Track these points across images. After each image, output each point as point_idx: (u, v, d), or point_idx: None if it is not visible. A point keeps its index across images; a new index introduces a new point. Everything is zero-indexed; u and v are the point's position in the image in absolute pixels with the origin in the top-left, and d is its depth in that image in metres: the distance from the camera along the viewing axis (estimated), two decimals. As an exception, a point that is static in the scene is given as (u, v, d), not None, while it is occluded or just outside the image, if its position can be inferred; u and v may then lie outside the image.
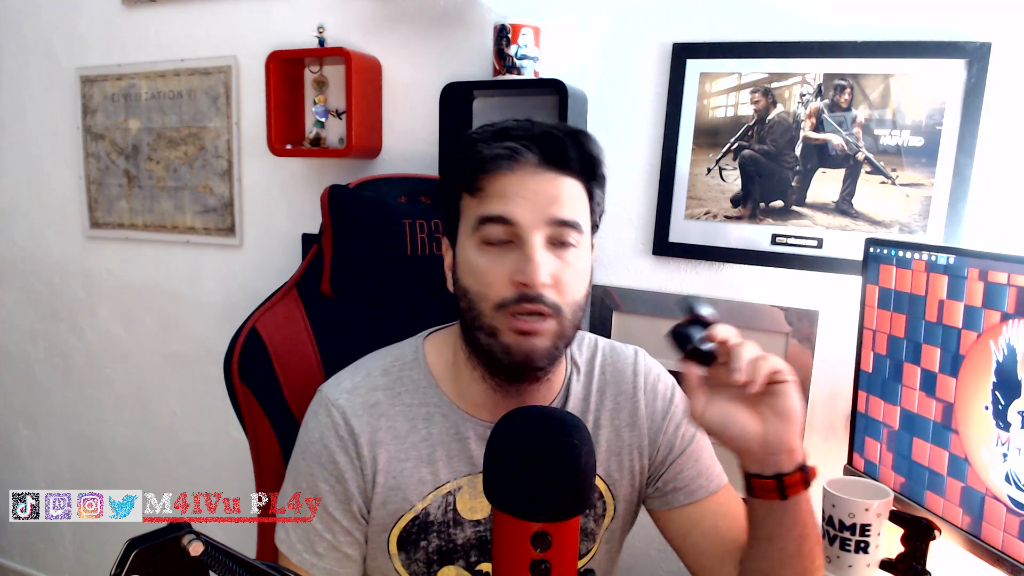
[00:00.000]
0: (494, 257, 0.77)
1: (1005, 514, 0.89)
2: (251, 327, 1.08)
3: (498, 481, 0.58)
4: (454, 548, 0.86)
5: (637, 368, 0.94)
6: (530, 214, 0.75)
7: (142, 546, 0.45)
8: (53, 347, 2.16)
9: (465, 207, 0.80)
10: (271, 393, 1.08)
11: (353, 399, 0.85)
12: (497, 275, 0.76)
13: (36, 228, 2.11)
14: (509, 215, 0.75)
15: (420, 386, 0.87)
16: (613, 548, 0.95)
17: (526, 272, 0.74)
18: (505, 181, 0.76)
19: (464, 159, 0.79)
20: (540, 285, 0.75)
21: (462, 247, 0.81)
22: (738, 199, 1.34)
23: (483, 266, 0.77)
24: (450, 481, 0.85)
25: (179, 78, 1.82)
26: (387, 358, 0.90)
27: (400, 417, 0.85)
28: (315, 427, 0.85)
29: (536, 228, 0.75)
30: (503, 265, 0.76)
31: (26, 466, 2.30)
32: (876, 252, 1.09)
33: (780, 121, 1.30)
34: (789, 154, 1.30)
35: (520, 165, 0.76)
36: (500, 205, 0.76)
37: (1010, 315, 0.88)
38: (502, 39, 1.38)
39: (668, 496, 0.91)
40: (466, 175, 0.78)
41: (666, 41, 1.37)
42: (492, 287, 0.77)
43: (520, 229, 0.75)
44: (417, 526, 0.85)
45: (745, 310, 1.35)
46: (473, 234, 0.78)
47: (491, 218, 0.76)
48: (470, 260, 0.79)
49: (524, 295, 0.75)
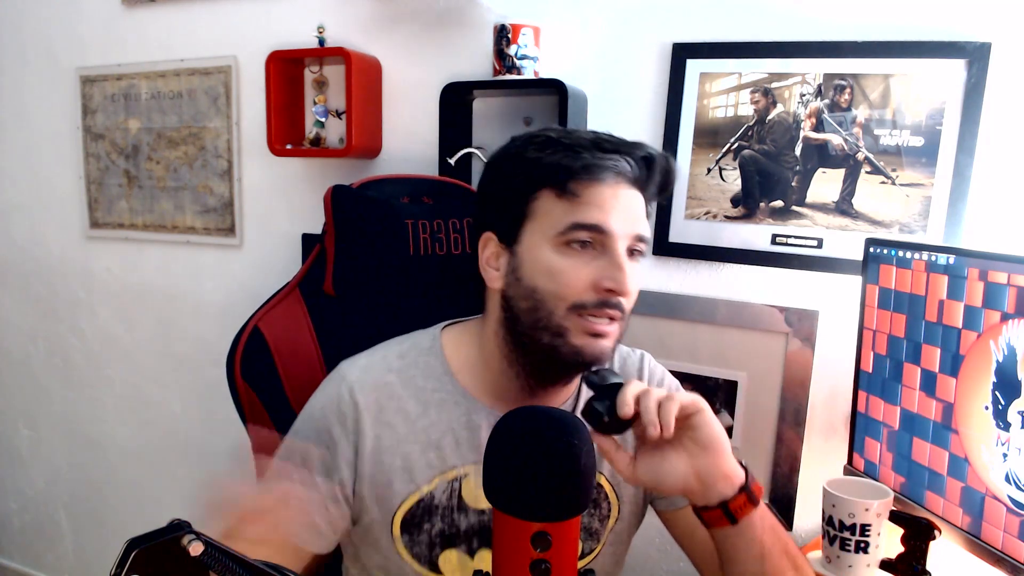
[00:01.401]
0: (577, 260, 0.79)
1: (1005, 514, 0.89)
2: (254, 326, 1.08)
3: (498, 481, 0.58)
4: (457, 533, 0.87)
5: (643, 372, 0.96)
6: (622, 225, 0.78)
7: (142, 546, 0.45)
8: (53, 347, 2.17)
9: (547, 208, 0.80)
10: (274, 392, 1.08)
11: (365, 377, 0.87)
12: (579, 278, 0.78)
13: (36, 228, 2.11)
14: (604, 224, 0.78)
15: (435, 373, 0.89)
16: (619, 550, 0.96)
17: (617, 279, 0.77)
18: (603, 191, 0.78)
19: (555, 162, 0.79)
20: (628, 293, 0.79)
21: (533, 246, 0.81)
22: (738, 199, 1.34)
23: (564, 268, 0.79)
24: (457, 467, 0.86)
25: (179, 78, 1.82)
26: (404, 344, 0.92)
27: (412, 400, 0.87)
28: (322, 397, 0.89)
29: (624, 240, 0.79)
30: (587, 269, 0.78)
31: (26, 466, 2.31)
32: (876, 252, 1.09)
33: (780, 121, 1.30)
34: (789, 154, 1.30)
35: (619, 179, 0.79)
36: (598, 214, 0.78)
37: (1010, 315, 0.88)
38: (502, 39, 1.38)
39: (674, 496, 0.92)
40: (558, 177, 0.79)
41: (666, 41, 1.37)
42: (571, 288, 0.78)
43: (610, 239, 0.78)
44: (422, 509, 0.86)
45: (745, 310, 1.35)
46: (557, 236, 0.79)
47: (587, 226, 0.78)
48: (547, 261, 0.79)
49: (606, 300, 0.78)
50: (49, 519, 2.30)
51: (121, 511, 2.18)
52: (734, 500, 0.71)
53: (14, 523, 2.38)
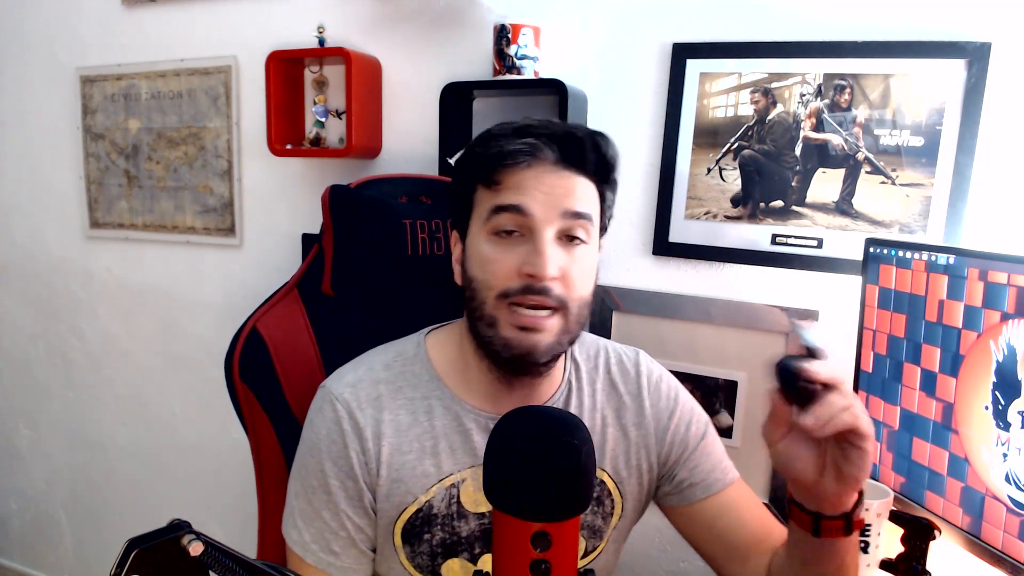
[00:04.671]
0: (503, 248, 0.78)
1: (1005, 514, 0.89)
2: (252, 327, 1.08)
3: (498, 481, 0.58)
4: (458, 540, 0.86)
5: (640, 369, 0.95)
6: (543, 207, 0.77)
7: (142, 546, 0.45)
8: (53, 347, 2.17)
9: (479, 199, 0.81)
10: (272, 393, 1.08)
11: (357, 392, 0.86)
12: (504, 265, 0.77)
13: (36, 228, 2.11)
14: (523, 204, 0.76)
15: (422, 380, 0.88)
16: (620, 546, 0.96)
17: (535, 264, 0.75)
18: (522, 175, 0.78)
19: (483, 153, 0.81)
20: (548, 277, 0.76)
21: (472, 238, 0.82)
22: (738, 199, 1.34)
23: (491, 256, 0.78)
24: (454, 473, 0.85)
25: (179, 78, 1.82)
26: (388, 354, 0.91)
27: (402, 410, 0.86)
28: (321, 423, 0.85)
29: (548, 222, 0.77)
30: (512, 256, 0.77)
31: (26, 466, 2.31)
32: (876, 252, 1.09)
33: (780, 121, 1.30)
34: (789, 154, 1.30)
35: (539, 161, 0.78)
36: (515, 196, 0.77)
37: (1010, 315, 0.88)
38: (502, 39, 1.38)
39: (685, 492, 0.92)
40: (484, 168, 0.80)
41: (666, 41, 1.37)
42: (498, 277, 0.78)
43: (532, 221, 0.77)
44: (421, 518, 0.85)
45: (745, 310, 1.35)
46: (485, 224, 0.79)
47: (505, 207, 0.77)
48: (479, 250, 0.80)
49: (529, 286, 0.76)
50: (49, 519, 2.30)
51: (121, 511, 2.18)
52: (830, 520, 0.69)
53: (14, 523, 2.38)
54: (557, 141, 0.79)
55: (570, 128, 0.81)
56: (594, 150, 0.81)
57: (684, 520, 0.93)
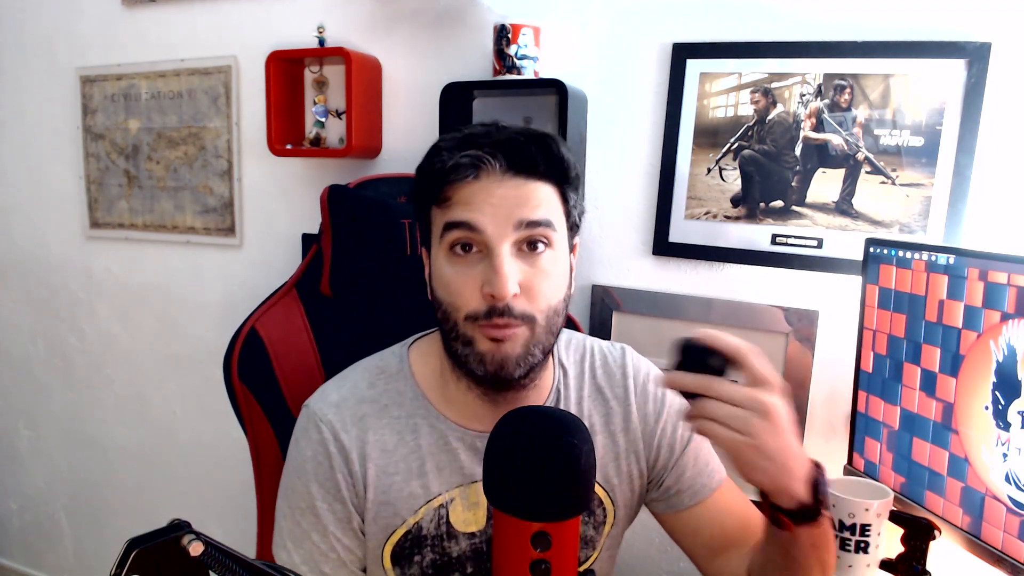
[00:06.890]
0: (463, 268, 0.75)
1: (1005, 514, 0.89)
2: (250, 327, 1.08)
3: (498, 481, 0.58)
4: (449, 561, 0.84)
5: (626, 370, 0.93)
6: (496, 221, 0.73)
7: (142, 546, 0.45)
8: (53, 347, 2.17)
9: (433, 216, 0.79)
10: (271, 393, 1.08)
11: (342, 413, 0.84)
12: (466, 286, 0.75)
13: (36, 228, 2.11)
14: (473, 221, 0.74)
15: (406, 398, 0.86)
16: (614, 552, 0.95)
17: (493, 284, 0.72)
18: (470, 189, 0.75)
19: (429, 169, 0.78)
20: (507, 297, 0.73)
21: (434, 258, 0.80)
22: (738, 199, 1.34)
23: (452, 277, 0.76)
24: (442, 493, 0.84)
25: (179, 78, 1.82)
26: (372, 370, 0.88)
27: (387, 430, 0.84)
28: (307, 445, 0.84)
29: (503, 236, 0.74)
30: (472, 275, 0.75)
31: (26, 466, 2.31)
32: (876, 252, 1.09)
33: (780, 121, 1.30)
34: (789, 154, 1.30)
35: (485, 173, 0.74)
36: (464, 212, 0.74)
37: (1010, 315, 0.88)
38: (502, 39, 1.38)
39: (673, 499, 0.91)
40: (432, 186, 0.77)
41: (666, 41, 1.37)
42: (462, 298, 0.75)
43: (486, 237, 0.74)
44: (410, 540, 0.83)
45: (745, 310, 1.35)
46: (441, 243, 0.77)
47: (455, 223, 0.74)
48: (440, 270, 0.78)
49: (493, 307, 0.74)
50: (49, 519, 2.30)
51: (121, 511, 2.18)
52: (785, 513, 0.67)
53: (14, 523, 2.38)
54: (501, 149, 0.75)
55: (514, 133, 0.77)
56: (542, 153, 0.76)
57: (670, 525, 0.93)
